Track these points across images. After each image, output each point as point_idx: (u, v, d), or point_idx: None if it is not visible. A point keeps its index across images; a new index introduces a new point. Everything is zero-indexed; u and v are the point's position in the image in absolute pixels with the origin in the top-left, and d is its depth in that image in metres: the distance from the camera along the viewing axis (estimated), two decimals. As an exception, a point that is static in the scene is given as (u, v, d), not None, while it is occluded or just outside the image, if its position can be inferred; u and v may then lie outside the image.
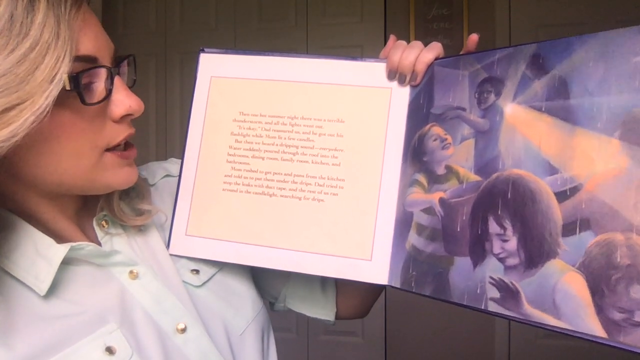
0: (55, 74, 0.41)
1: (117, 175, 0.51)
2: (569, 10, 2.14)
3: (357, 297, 0.74)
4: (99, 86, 0.47)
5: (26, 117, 0.40)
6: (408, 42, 0.59)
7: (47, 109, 0.41)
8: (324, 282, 0.74)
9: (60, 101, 0.42)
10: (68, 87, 0.42)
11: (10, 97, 0.39)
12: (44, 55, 0.40)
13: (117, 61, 0.51)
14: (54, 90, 0.41)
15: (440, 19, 2.22)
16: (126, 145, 0.52)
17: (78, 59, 0.44)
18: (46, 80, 0.40)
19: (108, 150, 0.50)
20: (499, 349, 2.20)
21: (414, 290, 0.53)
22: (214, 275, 0.61)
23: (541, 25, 2.18)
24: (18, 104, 0.39)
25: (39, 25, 0.40)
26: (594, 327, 0.40)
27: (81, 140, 0.46)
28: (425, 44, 0.58)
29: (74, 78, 0.43)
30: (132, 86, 0.54)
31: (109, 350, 0.46)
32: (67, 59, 0.42)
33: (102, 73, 0.47)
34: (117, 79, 0.49)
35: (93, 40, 0.46)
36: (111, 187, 0.51)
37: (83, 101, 0.44)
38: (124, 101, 0.49)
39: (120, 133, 0.50)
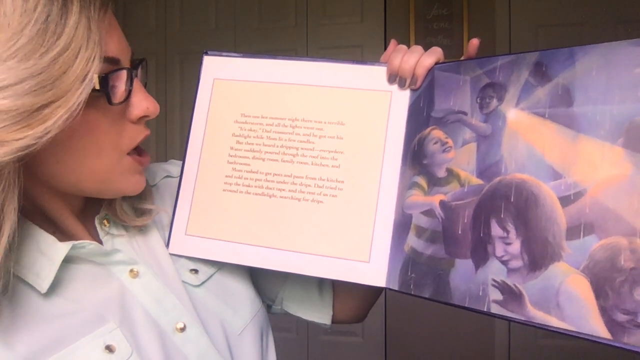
0: (87, 74, 0.42)
1: (129, 181, 0.52)
2: (569, 10, 2.15)
3: (354, 301, 0.74)
4: (121, 87, 0.48)
5: (60, 115, 0.41)
6: (408, 41, 0.60)
7: (80, 106, 0.42)
8: (321, 284, 0.74)
9: (88, 101, 0.43)
10: (97, 87, 0.44)
11: (45, 95, 0.40)
12: (76, 55, 0.42)
13: (133, 64, 0.52)
14: (85, 89, 0.42)
15: (440, 19, 2.22)
16: (139, 151, 0.54)
17: (105, 60, 0.45)
18: (78, 79, 0.42)
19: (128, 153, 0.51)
20: (499, 349, 2.20)
21: (412, 293, 0.53)
22: (212, 275, 0.61)
23: (541, 25, 2.18)
24: (52, 102, 0.41)
25: (72, 26, 0.42)
26: (598, 328, 0.40)
27: (103, 139, 0.48)
28: (425, 44, 0.58)
29: (103, 78, 0.45)
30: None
31: (109, 349, 0.46)
32: (97, 60, 0.43)
33: (123, 75, 0.48)
34: (135, 81, 0.50)
35: (117, 43, 0.48)
36: (122, 191, 0.52)
37: (110, 101, 0.46)
38: (142, 103, 0.50)
39: (139, 134, 0.52)
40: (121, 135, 0.50)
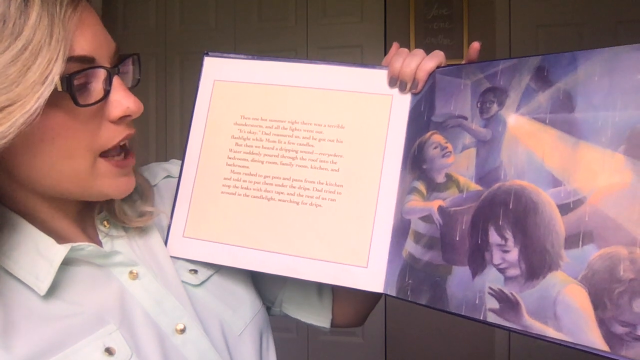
0: (47, 76, 0.40)
1: (113, 185, 0.50)
2: (569, 10, 2.14)
3: (353, 305, 0.74)
4: (97, 87, 0.46)
5: (15, 119, 0.39)
6: (408, 41, 0.59)
7: (38, 111, 0.40)
8: (320, 288, 0.73)
9: (54, 102, 0.42)
10: (60, 89, 0.42)
11: None
12: (36, 56, 0.40)
13: (119, 60, 0.50)
14: (45, 92, 0.40)
15: (440, 19, 2.21)
16: (125, 153, 0.52)
17: (73, 59, 0.43)
18: (38, 81, 0.40)
19: (103, 155, 0.49)
20: (499, 349, 2.20)
21: (409, 299, 0.52)
22: (212, 275, 0.61)
23: (541, 25, 2.18)
24: (7, 106, 0.39)
25: (32, 26, 0.40)
26: (595, 340, 0.40)
27: (75, 141, 0.46)
28: (425, 44, 0.58)
29: (67, 79, 0.42)
30: (136, 86, 0.53)
31: (109, 351, 0.46)
32: (60, 60, 0.41)
33: (100, 73, 0.46)
34: (115, 79, 0.48)
35: (90, 40, 0.45)
36: (107, 195, 0.51)
37: (76, 102, 0.44)
38: (121, 102, 0.48)
39: (118, 135, 0.49)
40: (97, 136, 0.47)
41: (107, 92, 0.47)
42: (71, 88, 0.43)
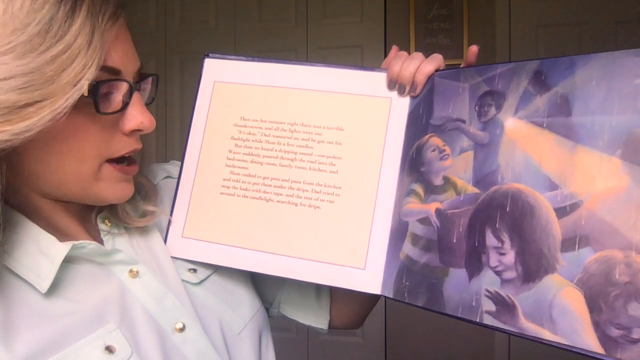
0: (80, 80, 0.43)
1: (112, 189, 0.52)
2: (569, 10, 2.14)
3: (351, 307, 0.74)
4: (117, 98, 0.49)
5: (43, 115, 0.41)
6: (408, 41, 0.60)
7: (66, 110, 0.43)
8: (318, 289, 0.74)
9: (77, 105, 0.44)
10: (86, 94, 0.44)
11: (32, 94, 0.41)
12: (73, 60, 0.43)
13: (140, 77, 0.53)
14: (75, 94, 0.43)
15: (440, 19, 2.21)
16: (129, 161, 0.54)
17: (103, 69, 0.46)
18: (70, 83, 0.42)
19: (109, 161, 0.51)
20: (499, 350, 2.20)
21: (406, 301, 0.53)
22: (211, 274, 0.61)
23: (541, 25, 2.18)
24: (38, 101, 0.41)
25: (75, 31, 0.43)
26: (590, 342, 0.40)
27: (88, 145, 0.48)
28: (425, 44, 0.58)
29: (94, 86, 0.45)
30: (150, 103, 0.56)
31: (109, 350, 0.46)
32: (94, 67, 0.44)
33: (123, 86, 0.49)
34: (135, 95, 0.51)
35: (121, 54, 0.48)
36: (105, 199, 0.52)
37: (97, 109, 0.46)
38: (136, 117, 0.51)
39: (127, 146, 0.51)
40: (108, 144, 0.50)
41: (125, 105, 0.50)
42: (96, 95, 0.45)
